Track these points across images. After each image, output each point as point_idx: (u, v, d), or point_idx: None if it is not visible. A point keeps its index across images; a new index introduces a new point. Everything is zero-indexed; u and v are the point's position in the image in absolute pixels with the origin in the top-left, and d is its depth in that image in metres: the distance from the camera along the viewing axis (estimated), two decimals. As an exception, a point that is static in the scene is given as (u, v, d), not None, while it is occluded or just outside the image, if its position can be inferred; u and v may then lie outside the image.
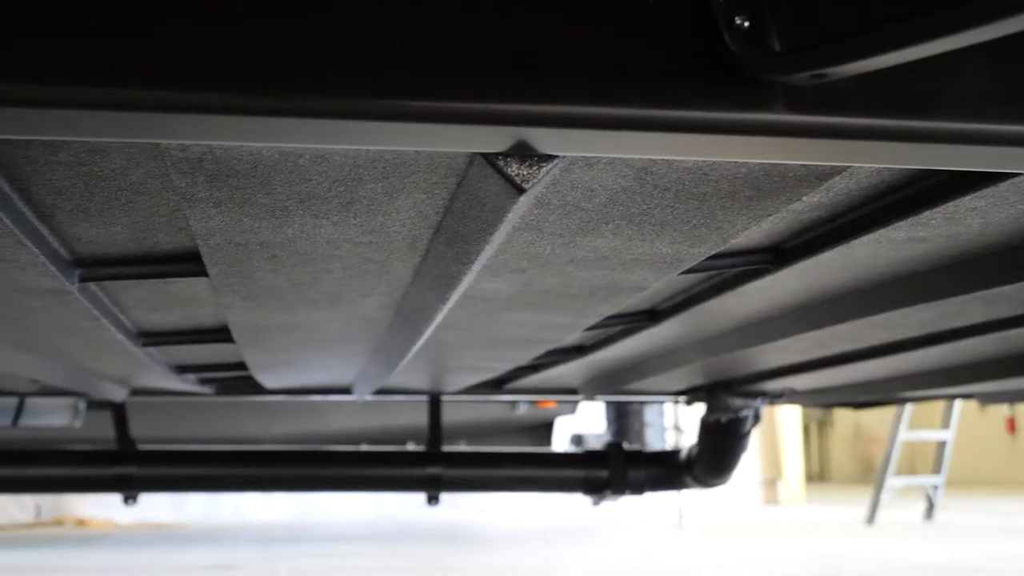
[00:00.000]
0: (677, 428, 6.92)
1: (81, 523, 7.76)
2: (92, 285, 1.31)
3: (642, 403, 6.67)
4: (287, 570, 5.21)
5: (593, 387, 2.84)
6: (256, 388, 2.74)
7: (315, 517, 8.42)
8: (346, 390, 2.87)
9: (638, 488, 3.01)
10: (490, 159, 0.83)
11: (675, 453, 3.04)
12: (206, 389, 2.66)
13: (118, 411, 2.94)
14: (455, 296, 1.29)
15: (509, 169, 0.83)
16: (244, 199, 0.98)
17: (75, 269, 1.25)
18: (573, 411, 6.22)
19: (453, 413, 6.72)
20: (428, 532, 7.42)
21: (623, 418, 6.72)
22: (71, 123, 0.69)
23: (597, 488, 3.04)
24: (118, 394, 2.68)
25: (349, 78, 0.69)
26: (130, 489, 2.95)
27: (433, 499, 3.06)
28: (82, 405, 4.21)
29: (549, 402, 6.08)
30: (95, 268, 1.26)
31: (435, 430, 3.02)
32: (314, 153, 0.88)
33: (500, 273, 1.31)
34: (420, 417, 6.41)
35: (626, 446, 3.08)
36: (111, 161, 0.92)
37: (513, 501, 8.66)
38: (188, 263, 1.26)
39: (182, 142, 0.81)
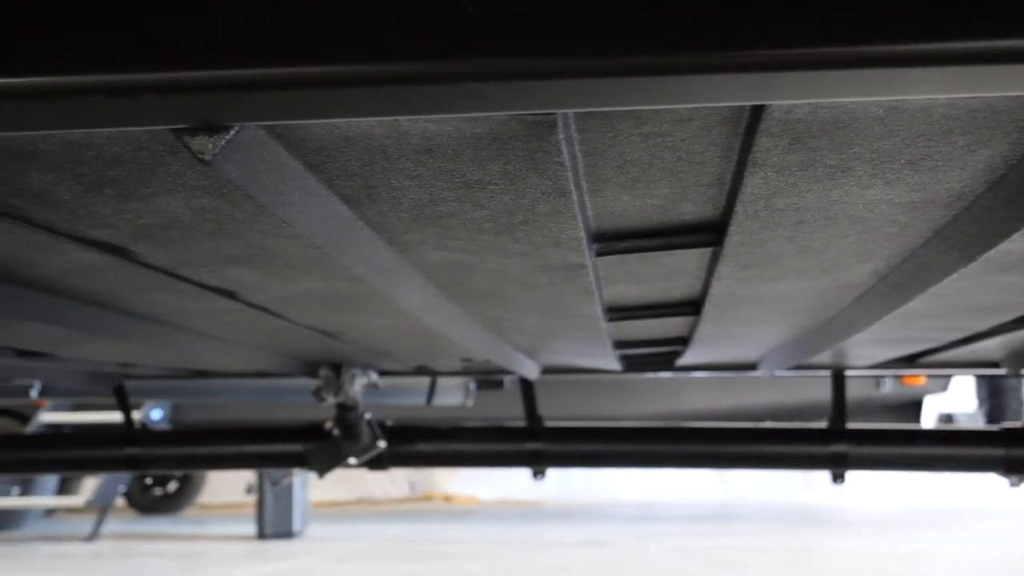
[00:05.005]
0: (1061, 407, 6.39)
1: (448, 499, 8.22)
2: (598, 259, 1.35)
3: (1021, 380, 6.23)
4: (658, 548, 5.27)
5: (1020, 360, 2.66)
6: (663, 364, 2.76)
7: (665, 496, 8.47)
8: (751, 366, 2.84)
9: (1070, 469, 2.80)
10: None
11: (1115, 430, 2.80)
12: (618, 366, 2.71)
13: (527, 389, 3.06)
14: (982, 257, 1.22)
15: None
16: (812, 161, 0.97)
17: (593, 244, 1.29)
18: (944, 388, 5.90)
19: (809, 391, 6.56)
20: (786, 513, 7.28)
21: (997, 396, 6.30)
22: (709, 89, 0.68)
23: (1020, 468, 2.85)
24: (533, 372, 2.78)
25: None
26: (539, 464, 3.06)
27: (838, 478, 2.98)
28: (472, 386, 4.44)
29: (918, 379, 5.79)
30: (610, 242, 1.29)
31: (839, 406, 2.94)
32: (919, 106, 0.85)
33: None
34: (778, 395, 6.26)
35: (1053, 423, 2.86)
36: (686, 130, 0.93)
37: (870, 484, 8.35)
38: (700, 234, 1.26)
39: (802, 101, 0.80)
